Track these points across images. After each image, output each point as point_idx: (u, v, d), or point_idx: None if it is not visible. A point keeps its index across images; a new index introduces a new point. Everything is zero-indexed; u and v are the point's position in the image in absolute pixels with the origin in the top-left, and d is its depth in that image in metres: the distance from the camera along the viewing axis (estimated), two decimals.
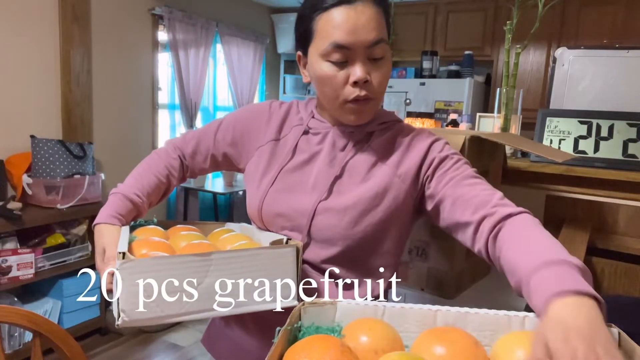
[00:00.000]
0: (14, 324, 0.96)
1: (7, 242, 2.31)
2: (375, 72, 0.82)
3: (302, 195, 0.87)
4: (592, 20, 3.54)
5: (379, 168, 0.87)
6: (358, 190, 0.85)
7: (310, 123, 0.92)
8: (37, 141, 2.46)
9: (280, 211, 0.88)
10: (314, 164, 0.89)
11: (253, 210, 0.91)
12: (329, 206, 0.84)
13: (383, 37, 0.81)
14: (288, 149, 0.91)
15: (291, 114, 0.96)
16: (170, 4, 3.40)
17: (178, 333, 2.85)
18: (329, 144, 0.89)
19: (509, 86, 1.71)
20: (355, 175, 0.87)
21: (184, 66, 3.54)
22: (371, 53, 0.80)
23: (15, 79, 2.58)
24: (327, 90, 0.83)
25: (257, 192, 0.90)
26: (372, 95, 0.83)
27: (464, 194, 0.79)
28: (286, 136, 0.94)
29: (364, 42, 0.78)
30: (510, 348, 0.54)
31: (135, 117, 3.32)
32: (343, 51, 0.79)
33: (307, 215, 0.85)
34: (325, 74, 0.81)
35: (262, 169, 0.92)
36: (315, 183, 0.87)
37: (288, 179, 0.89)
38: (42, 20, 2.67)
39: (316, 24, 0.81)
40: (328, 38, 0.79)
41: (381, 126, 0.91)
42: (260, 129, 0.95)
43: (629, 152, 1.47)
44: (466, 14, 4.01)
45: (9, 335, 2.30)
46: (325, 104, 0.88)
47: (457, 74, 3.82)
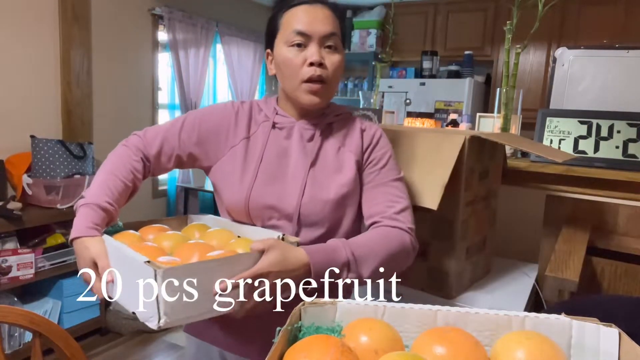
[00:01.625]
0: (14, 324, 0.96)
1: (7, 242, 2.31)
2: (328, 59, 0.96)
3: (285, 185, 0.97)
4: (592, 20, 3.54)
5: (344, 153, 1.00)
6: (335, 176, 0.97)
7: (275, 119, 1.02)
8: (37, 141, 2.46)
9: (269, 203, 0.95)
10: (288, 156, 0.99)
11: (237, 205, 0.97)
12: (313, 194, 0.95)
13: (336, 32, 0.97)
14: (261, 145, 1.00)
15: (254, 112, 1.05)
16: (170, 4, 3.40)
17: (178, 333, 2.85)
18: (296, 136, 1.00)
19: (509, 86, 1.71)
20: (327, 161, 0.99)
21: (184, 66, 3.54)
22: (325, 42, 0.96)
23: (15, 79, 2.58)
24: (288, 72, 0.96)
25: (241, 187, 0.97)
26: (326, 77, 0.96)
27: (374, 198, 0.99)
28: (255, 133, 1.02)
29: (319, 32, 0.94)
30: (510, 348, 0.54)
31: (135, 117, 3.32)
32: (302, 37, 0.94)
33: (295, 204, 0.95)
34: (287, 57, 0.96)
35: (240, 165, 0.99)
36: (294, 173, 0.97)
37: (268, 172, 0.98)
38: (42, 20, 2.67)
39: (282, 18, 0.97)
40: (291, 27, 0.95)
41: (337, 117, 1.04)
42: (230, 129, 1.02)
43: (629, 152, 1.47)
44: (466, 14, 4.02)
45: (9, 335, 2.30)
46: (286, 88, 0.99)
47: (457, 74, 3.82)
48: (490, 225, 1.41)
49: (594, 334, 0.56)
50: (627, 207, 1.48)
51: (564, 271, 1.12)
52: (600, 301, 1.11)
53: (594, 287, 1.45)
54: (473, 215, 1.26)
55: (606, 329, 0.55)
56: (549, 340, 0.53)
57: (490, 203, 1.38)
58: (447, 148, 1.14)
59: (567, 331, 0.57)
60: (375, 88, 2.44)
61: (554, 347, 0.52)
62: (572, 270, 1.12)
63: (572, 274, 1.10)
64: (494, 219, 1.45)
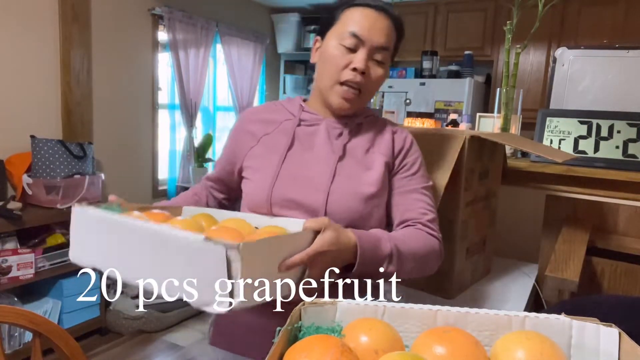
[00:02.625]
0: (13, 324, 0.96)
1: (7, 242, 2.31)
2: (373, 70, 0.95)
3: (311, 181, 0.94)
4: (592, 20, 3.54)
5: (373, 154, 0.98)
6: (364, 174, 0.95)
7: (302, 115, 1.00)
8: (37, 141, 2.46)
9: (293, 198, 0.93)
10: (314, 151, 0.97)
11: (259, 199, 0.95)
12: (341, 190, 0.93)
13: (389, 47, 0.95)
14: (285, 140, 0.98)
15: (273, 111, 1.04)
16: (170, 4, 3.40)
17: (178, 333, 2.85)
18: (323, 133, 0.98)
19: (509, 86, 1.71)
20: (355, 160, 0.97)
21: (184, 66, 3.54)
22: (375, 54, 0.94)
23: (15, 79, 2.58)
24: (329, 68, 0.95)
25: (263, 181, 0.95)
26: (364, 87, 0.95)
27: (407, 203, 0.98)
28: (277, 129, 1.01)
29: (374, 41, 0.93)
30: (510, 348, 0.54)
31: (135, 117, 3.32)
32: (355, 40, 0.92)
33: (322, 200, 0.92)
34: (334, 53, 0.94)
35: (261, 161, 0.98)
36: (321, 168, 0.94)
37: (292, 167, 0.95)
38: (42, 20, 2.67)
39: (343, 14, 0.96)
40: (348, 26, 0.93)
41: (366, 119, 1.03)
42: (246, 137, 1.03)
43: (629, 152, 1.47)
44: (466, 14, 4.01)
45: (9, 335, 2.30)
46: (321, 83, 0.97)
47: (457, 74, 3.82)
48: (490, 225, 1.41)
49: (594, 334, 0.56)
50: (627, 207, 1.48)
51: (564, 271, 1.12)
52: (600, 301, 1.11)
53: (594, 287, 1.45)
54: (473, 215, 1.26)
55: (606, 329, 0.56)
56: (549, 340, 0.53)
57: (490, 203, 1.38)
58: (447, 148, 1.14)
59: (567, 331, 0.57)
60: None
61: (554, 347, 0.52)
62: (572, 270, 1.12)
63: (572, 274, 1.10)
64: (494, 219, 1.45)
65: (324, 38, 0.98)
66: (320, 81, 0.98)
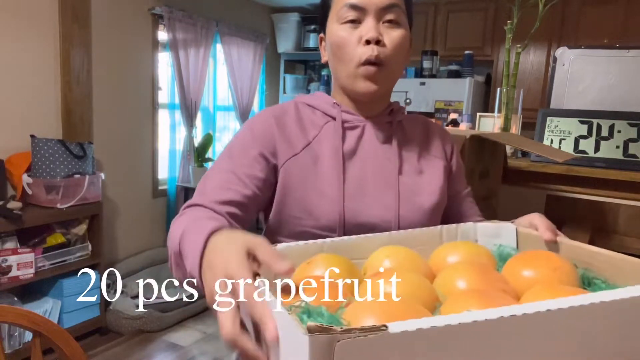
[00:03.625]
0: (13, 323, 0.96)
1: (7, 241, 2.30)
2: (388, 35, 0.81)
3: (375, 197, 0.83)
4: (592, 20, 3.54)
5: (428, 158, 0.90)
6: (423, 182, 0.88)
7: (343, 117, 0.87)
8: (37, 141, 2.46)
9: (365, 220, 0.82)
10: (363, 161, 0.86)
11: (328, 222, 0.80)
12: (409, 204, 0.85)
13: (397, 3, 0.82)
14: (336, 148, 0.84)
15: (304, 113, 0.89)
16: (170, 4, 3.40)
17: (178, 333, 2.85)
18: (369, 138, 0.87)
19: (509, 86, 1.71)
20: (411, 167, 0.88)
21: (184, 66, 3.54)
22: (384, 16, 0.81)
23: (15, 79, 2.58)
24: (342, 54, 0.83)
25: (329, 203, 0.81)
26: (385, 58, 0.81)
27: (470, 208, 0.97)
28: (318, 136, 0.86)
29: (376, 2, 0.80)
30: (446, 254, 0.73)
31: (135, 117, 3.32)
32: (356, 11, 0.81)
33: (394, 218, 0.83)
34: (340, 37, 0.82)
35: (313, 176, 0.83)
36: (380, 182, 0.84)
37: (353, 182, 0.83)
38: (42, 20, 2.67)
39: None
40: (343, 1, 0.82)
41: (404, 116, 0.93)
42: (278, 143, 0.84)
43: (629, 152, 1.46)
44: (466, 13, 4.01)
45: (9, 335, 2.30)
46: (341, 76, 0.85)
47: (457, 74, 3.81)
48: None
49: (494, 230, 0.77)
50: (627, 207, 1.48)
51: None
52: None
53: None
54: None
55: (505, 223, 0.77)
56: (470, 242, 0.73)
57: (490, 203, 1.38)
58: None
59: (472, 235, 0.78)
60: None
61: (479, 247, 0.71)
62: None
63: None
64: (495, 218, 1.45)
65: (325, 31, 0.88)
66: (339, 74, 0.86)
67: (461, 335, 0.38)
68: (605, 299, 0.43)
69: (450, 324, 0.38)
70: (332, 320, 0.44)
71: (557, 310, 0.41)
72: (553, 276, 0.57)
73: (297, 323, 0.37)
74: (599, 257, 0.63)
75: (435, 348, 0.38)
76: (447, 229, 0.77)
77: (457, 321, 0.38)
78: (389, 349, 0.36)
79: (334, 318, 0.44)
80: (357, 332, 0.35)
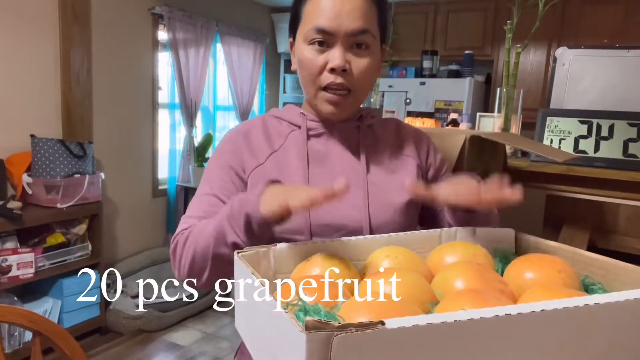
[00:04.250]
0: (13, 323, 0.96)
1: (7, 241, 2.30)
2: (355, 63, 0.80)
3: (343, 199, 0.79)
4: (592, 20, 3.54)
5: (399, 158, 0.90)
6: (394, 180, 0.86)
7: (308, 124, 0.88)
8: (37, 140, 2.46)
9: (334, 222, 0.81)
10: (331, 165, 0.85)
11: (297, 225, 0.79)
12: (379, 203, 0.84)
13: (368, 28, 0.79)
14: (298, 156, 0.85)
15: (270, 125, 0.90)
16: (170, 4, 3.40)
17: (178, 333, 2.85)
18: (337, 142, 0.87)
19: (509, 86, 1.71)
20: (381, 167, 0.87)
21: (184, 65, 3.54)
22: (354, 42, 0.79)
23: (15, 79, 2.58)
24: (305, 75, 0.82)
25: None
26: (350, 86, 0.81)
27: None
28: (283, 145, 0.87)
29: (346, 29, 0.78)
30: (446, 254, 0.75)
31: (135, 117, 3.32)
32: (325, 36, 0.79)
33: (364, 217, 0.82)
34: (305, 58, 0.81)
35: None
36: (350, 184, 0.81)
37: (318, 185, 0.81)
38: (42, 20, 2.67)
39: (304, 8, 0.82)
40: (312, 22, 0.79)
41: (374, 120, 0.92)
42: (244, 155, 0.86)
43: (629, 152, 1.46)
44: (466, 13, 4.01)
45: (9, 334, 2.30)
46: (305, 92, 0.86)
47: (458, 74, 3.81)
48: None
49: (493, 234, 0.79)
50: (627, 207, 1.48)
51: None
52: None
53: None
54: None
55: (503, 229, 0.79)
56: (468, 243, 0.72)
57: None
58: (447, 148, 1.14)
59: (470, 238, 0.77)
60: (375, 87, 2.44)
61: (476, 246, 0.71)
62: None
63: None
64: None
65: (295, 40, 0.86)
66: (304, 89, 0.86)
67: (457, 333, 0.39)
68: (600, 301, 0.44)
69: (446, 322, 0.39)
70: (328, 317, 0.44)
71: (552, 310, 0.42)
72: (558, 278, 0.57)
73: (294, 321, 0.38)
74: (596, 263, 0.63)
75: (431, 345, 0.39)
76: (446, 232, 0.77)
77: (454, 319, 0.39)
78: (385, 345, 0.37)
79: (330, 316, 0.45)
80: (354, 328, 0.36)
